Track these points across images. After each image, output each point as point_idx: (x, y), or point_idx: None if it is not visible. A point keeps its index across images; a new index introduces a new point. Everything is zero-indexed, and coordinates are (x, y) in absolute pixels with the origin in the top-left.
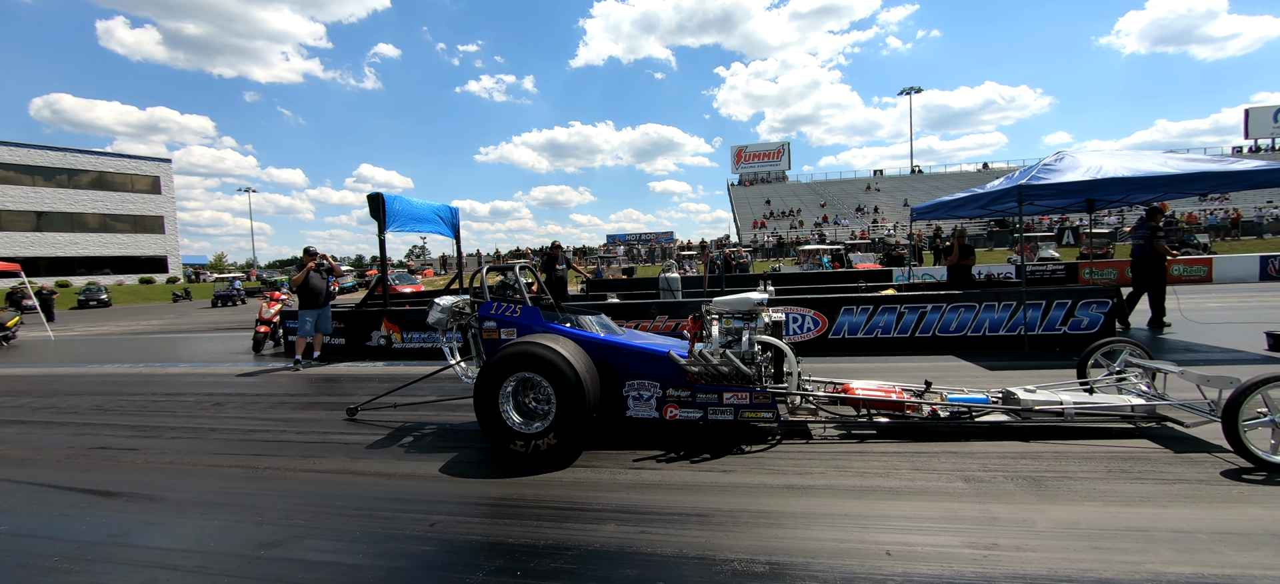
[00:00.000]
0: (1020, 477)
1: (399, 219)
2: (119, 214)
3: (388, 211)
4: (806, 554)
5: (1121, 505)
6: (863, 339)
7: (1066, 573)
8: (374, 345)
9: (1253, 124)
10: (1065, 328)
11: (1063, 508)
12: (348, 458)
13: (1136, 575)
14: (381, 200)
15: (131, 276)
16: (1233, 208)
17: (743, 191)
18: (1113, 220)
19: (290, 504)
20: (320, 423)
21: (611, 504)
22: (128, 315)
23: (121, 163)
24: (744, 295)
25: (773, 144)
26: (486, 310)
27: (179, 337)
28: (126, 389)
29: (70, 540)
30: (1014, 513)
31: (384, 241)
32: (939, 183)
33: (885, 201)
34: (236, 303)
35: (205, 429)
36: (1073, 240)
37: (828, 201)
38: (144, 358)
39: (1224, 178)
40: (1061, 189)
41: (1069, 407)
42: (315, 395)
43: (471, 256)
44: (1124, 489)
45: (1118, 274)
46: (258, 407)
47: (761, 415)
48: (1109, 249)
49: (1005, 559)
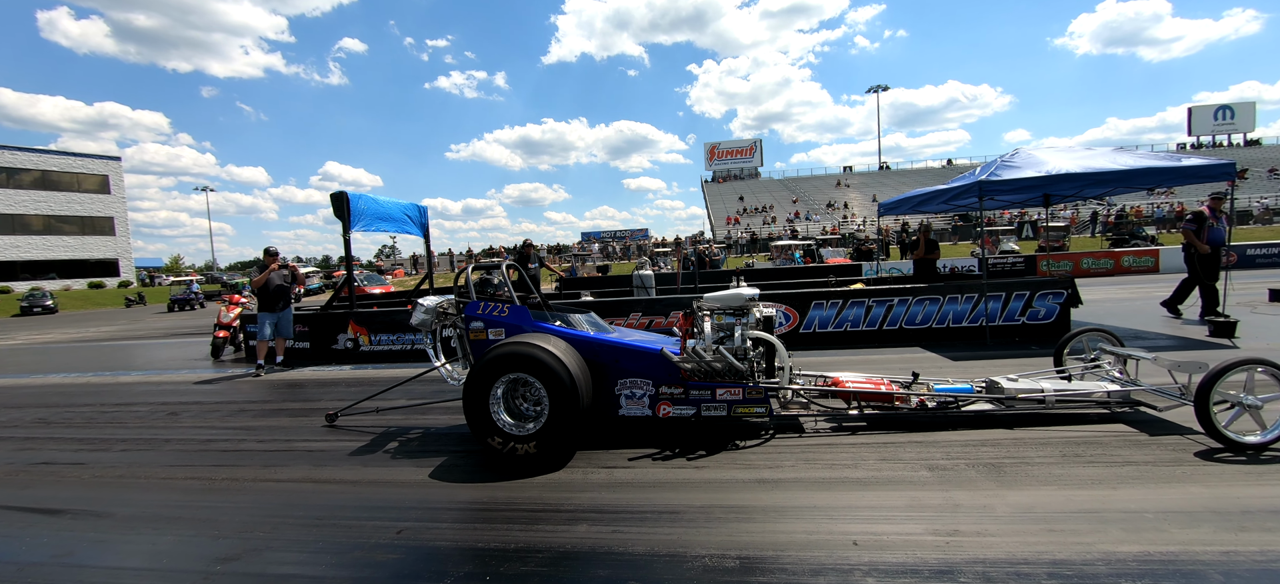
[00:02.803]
0: (981, 464)
1: (365, 218)
2: (65, 215)
3: (353, 210)
4: (776, 547)
5: (1075, 488)
6: (833, 332)
7: (1022, 556)
8: (340, 348)
9: (1195, 122)
10: (1024, 318)
11: (1021, 493)
12: (312, 466)
13: (1088, 556)
14: (346, 198)
15: (80, 281)
16: (1178, 201)
17: (716, 188)
18: (1068, 214)
19: (250, 516)
20: (283, 430)
21: (584, 504)
22: (76, 322)
23: (67, 161)
24: (735, 291)
25: (745, 141)
26: (473, 310)
27: (132, 343)
28: (73, 400)
29: (9, 562)
30: (975, 499)
31: (349, 241)
32: (906, 179)
33: (855, 197)
34: (194, 307)
35: (158, 440)
36: (1032, 234)
37: (799, 197)
38: (93, 366)
39: (1162, 173)
40: (1019, 185)
41: (1050, 394)
42: (278, 402)
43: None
44: (1078, 473)
45: (1073, 265)
46: (216, 415)
47: (754, 411)
48: (1065, 242)
49: (966, 544)
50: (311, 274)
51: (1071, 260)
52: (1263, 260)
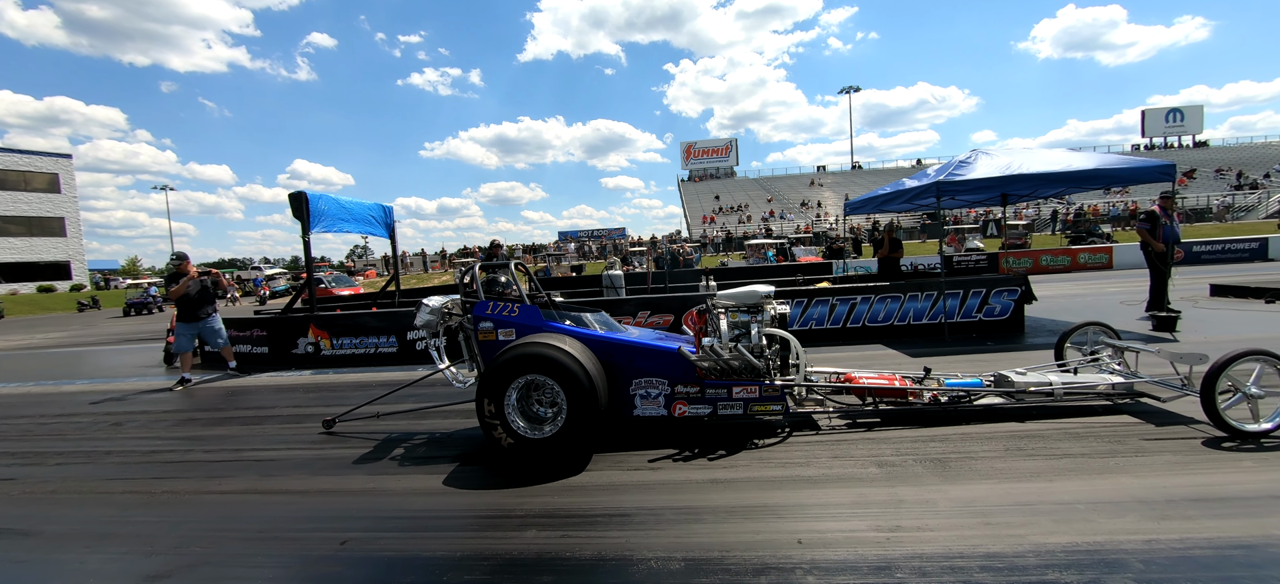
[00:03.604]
0: (928, 459)
1: (326, 218)
2: (11, 215)
3: (313, 211)
4: (723, 548)
5: (1013, 482)
6: (798, 331)
7: (959, 550)
8: (301, 353)
9: (1148, 124)
10: (981, 315)
11: (963, 487)
12: (258, 476)
13: (1019, 548)
14: (305, 199)
15: (28, 285)
16: (1132, 200)
17: (693, 187)
18: (1030, 213)
19: (188, 530)
20: (233, 439)
21: (535, 510)
22: (23, 328)
23: (14, 158)
24: (750, 288)
25: (721, 140)
26: (482, 310)
27: (82, 350)
28: (12, 411)
29: None
30: (919, 494)
31: (309, 243)
32: (877, 178)
33: (828, 196)
34: (152, 311)
35: (98, 453)
36: (996, 232)
37: (774, 196)
38: (37, 375)
39: (1108, 174)
40: (975, 184)
41: (1058, 387)
42: (230, 410)
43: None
44: (1018, 466)
45: (1033, 262)
46: (163, 425)
47: (770, 409)
48: (1026, 240)
49: (906, 540)
50: (277, 276)
51: (1031, 257)
52: (1208, 256)
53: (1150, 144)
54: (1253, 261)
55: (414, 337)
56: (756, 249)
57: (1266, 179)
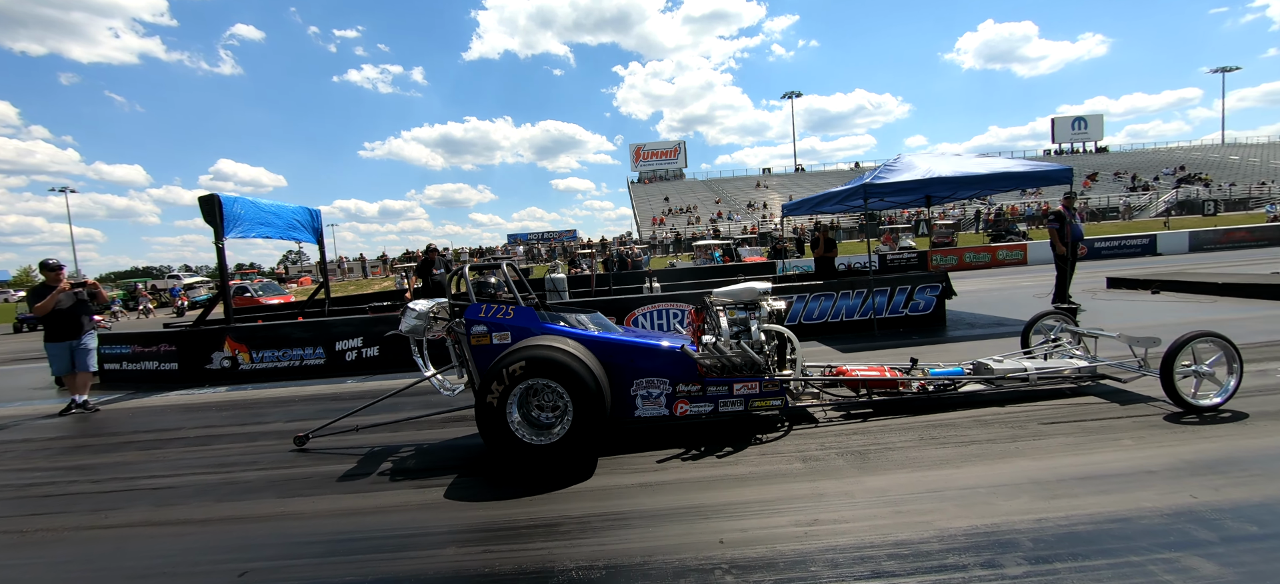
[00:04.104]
0: (849, 452)
1: (243, 223)
2: None
3: (227, 215)
4: (646, 553)
5: (925, 470)
6: None
7: (870, 540)
8: (216, 369)
9: (1057, 131)
10: (907, 310)
11: (879, 477)
12: (152, 506)
13: (925, 534)
14: (217, 202)
15: None
16: (1044, 200)
17: (642, 189)
18: (956, 213)
19: (62, 573)
20: (128, 467)
21: (457, 525)
22: None
23: None
24: (748, 285)
25: (670, 143)
26: (475, 313)
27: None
28: None
29: None
30: (839, 487)
31: (222, 249)
32: (819, 180)
33: (773, 198)
34: None
35: None
36: (927, 231)
37: (722, 198)
38: None
39: (1014, 177)
40: (899, 187)
41: (1032, 372)
42: (128, 434)
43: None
44: (930, 455)
45: (957, 259)
46: (45, 454)
47: (770, 404)
48: (952, 238)
49: (822, 533)
50: (197, 285)
51: (956, 255)
52: (1107, 252)
53: (1059, 149)
54: (1144, 256)
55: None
56: (703, 250)
57: (1156, 181)
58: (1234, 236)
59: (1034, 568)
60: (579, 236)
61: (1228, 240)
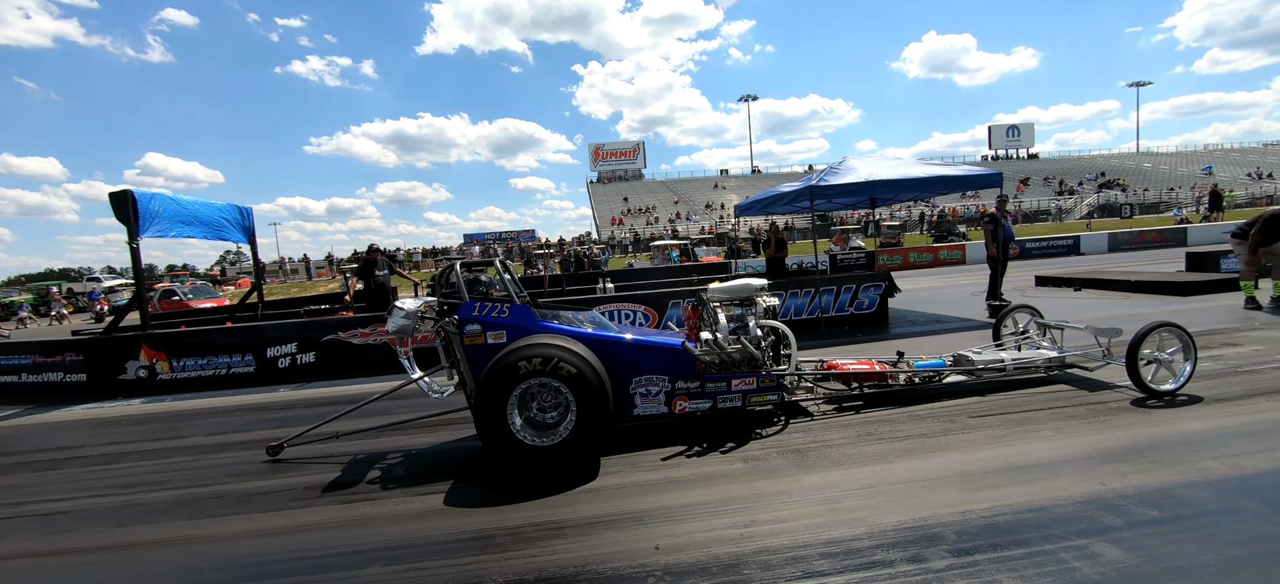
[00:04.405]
0: (789, 450)
1: (160, 221)
2: None
3: (142, 212)
4: (580, 563)
5: (861, 466)
6: None
7: (804, 540)
8: (130, 379)
9: (993, 138)
10: (852, 309)
11: (816, 475)
12: (39, 534)
13: (856, 531)
14: (130, 198)
15: None
16: (982, 203)
17: (601, 189)
18: (902, 215)
19: None
20: (15, 492)
21: (381, 542)
22: None
23: None
24: (744, 281)
25: (629, 143)
26: (468, 312)
27: None
28: None
29: None
30: (776, 486)
31: (137, 250)
32: (775, 181)
33: (731, 198)
34: None
35: None
36: (875, 232)
37: (680, 198)
38: None
39: (950, 180)
40: (844, 189)
41: (1009, 363)
42: (22, 454)
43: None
44: (865, 450)
45: (902, 259)
46: None
47: (767, 398)
48: (899, 239)
49: (758, 534)
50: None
51: (902, 255)
52: (1037, 252)
53: (995, 155)
54: (1068, 256)
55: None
56: (661, 251)
57: (1080, 186)
58: (1146, 237)
59: (956, 561)
60: (537, 236)
61: (1141, 241)
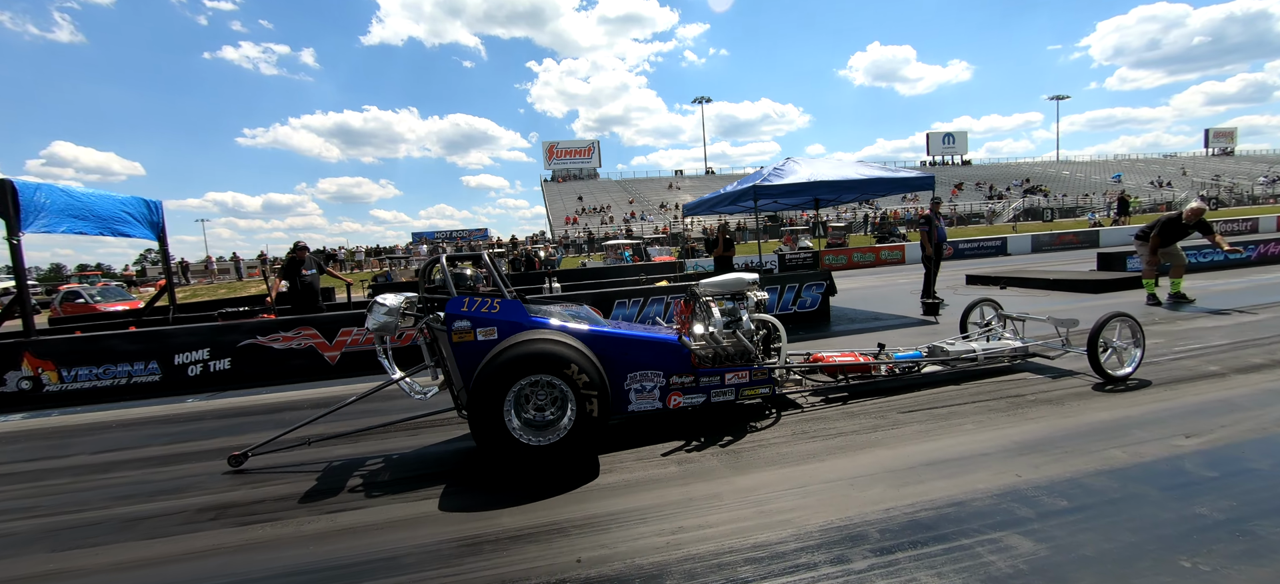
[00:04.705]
0: (724, 452)
1: (47, 215)
2: None
3: (25, 205)
4: (495, 581)
5: (793, 466)
6: None
7: (730, 546)
8: (11, 391)
9: (931, 145)
10: (795, 307)
11: (749, 477)
12: None
13: (783, 534)
14: (11, 190)
15: None
16: (920, 206)
17: (556, 188)
18: (847, 216)
19: None
20: None
21: (280, 568)
22: None
23: None
24: (736, 276)
25: (584, 141)
26: (456, 308)
27: None
28: None
29: None
30: (708, 489)
31: (17, 246)
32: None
33: (686, 199)
34: None
35: None
36: (823, 232)
37: (635, 198)
38: None
39: (884, 183)
40: (787, 189)
41: (980, 353)
42: None
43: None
44: (798, 449)
45: (846, 258)
46: None
47: (758, 391)
48: (845, 239)
49: (685, 541)
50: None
51: (846, 254)
52: (970, 252)
53: (933, 161)
54: (997, 256)
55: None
56: (614, 250)
57: (1007, 191)
58: (1064, 239)
59: (878, 561)
60: (490, 235)
61: (1059, 242)
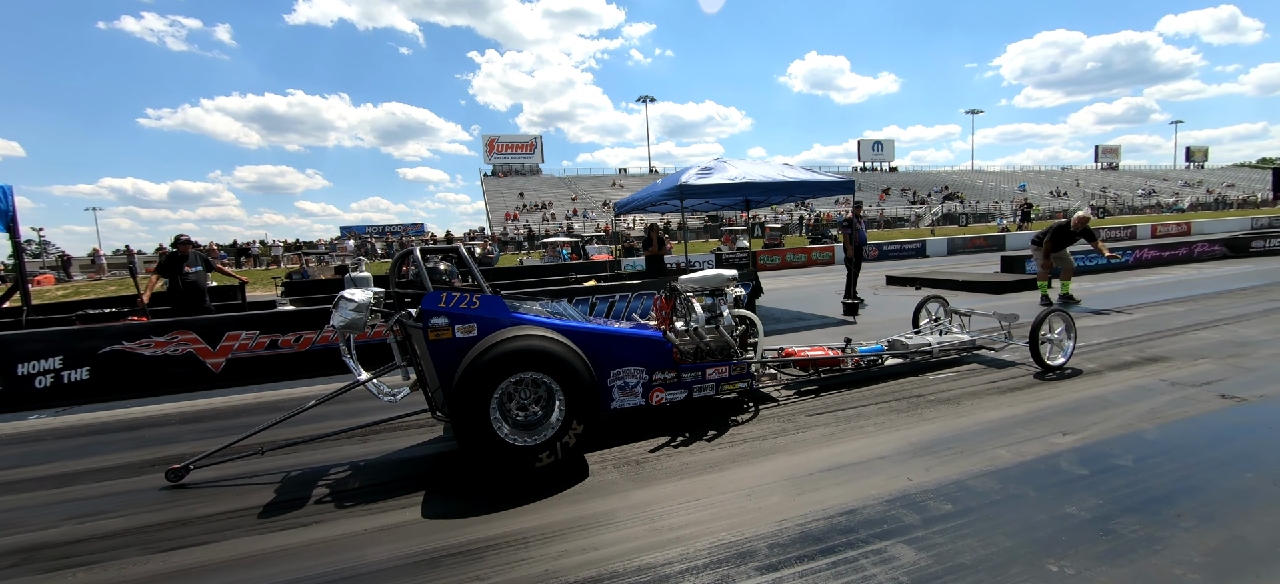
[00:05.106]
0: (626, 463)
1: None
2: None
3: None
4: None
5: (694, 477)
6: None
7: (612, 571)
8: None
9: (862, 151)
10: None
11: (648, 489)
12: None
13: (668, 555)
14: None
15: None
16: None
17: (496, 183)
18: (784, 217)
19: None
20: None
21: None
22: None
23: None
24: (715, 272)
25: (527, 136)
26: (433, 303)
27: None
28: None
29: None
30: (604, 505)
31: None
32: None
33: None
34: None
35: None
36: (761, 233)
37: (578, 195)
38: None
39: (807, 185)
40: (711, 189)
41: (935, 346)
42: None
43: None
44: (702, 458)
45: (780, 259)
46: None
47: (737, 386)
48: (780, 240)
49: (565, 570)
50: None
51: (780, 254)
52: (894, 254)
53: (863, 167)
54: (917, 258)
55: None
56: (551, 247)
57: (929, 197)
58: (975, 243)
59: (763, 578)
60: (427, 230)
61: (971, 246)
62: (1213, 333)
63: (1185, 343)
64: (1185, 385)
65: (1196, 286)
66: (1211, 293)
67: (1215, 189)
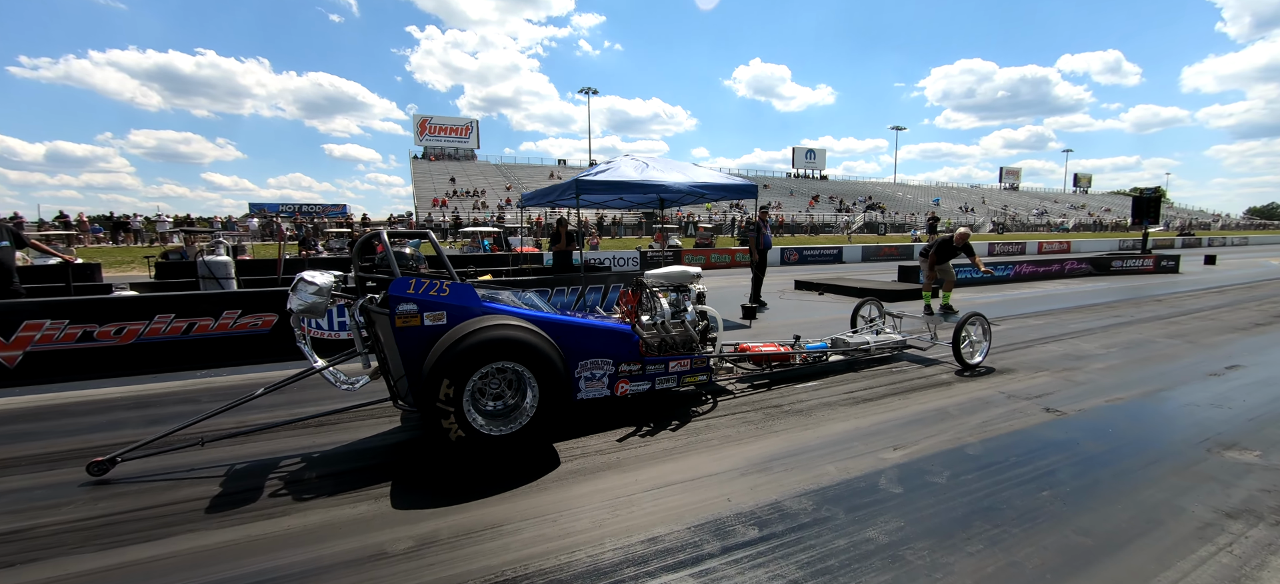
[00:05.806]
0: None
1: None
2: None
3: None
4: None
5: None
6: None
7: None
8: None
9: (796, 158)
10: None
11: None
12: None
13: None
14: None
15: None
16: (780, 213)
17: (426, 166)
18: (717, 218)
19: None
20: None
21: None
22: None
23: None
24: (680, 269)
25: (463, 119)
26: (401, 289)
27: None
28: None
29: None
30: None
31: None
32: None
33: None
34: None
35: None
36: (694, 232)
37: (513, 184)
38: None
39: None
40: (606, 185)
41: (872, 344)
42: None
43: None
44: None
45: (705, 259)
46: None
47: (697, 378)
48: (712, 240)
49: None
50: None
51: (705, 254)
52: (814, 258)
53: (798, 174)
54: (833, 263)
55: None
56: (473, 237)
57: (854, 206)
58: (887, 251)
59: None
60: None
61: (884, 254)
62: (1058, 346)
63: (1032, 355)
64: (1019, 398)
65: (1059, 301)
66: (1069, 308)
67: (1095, 212)
